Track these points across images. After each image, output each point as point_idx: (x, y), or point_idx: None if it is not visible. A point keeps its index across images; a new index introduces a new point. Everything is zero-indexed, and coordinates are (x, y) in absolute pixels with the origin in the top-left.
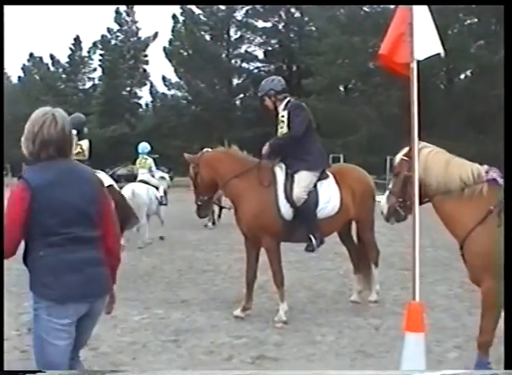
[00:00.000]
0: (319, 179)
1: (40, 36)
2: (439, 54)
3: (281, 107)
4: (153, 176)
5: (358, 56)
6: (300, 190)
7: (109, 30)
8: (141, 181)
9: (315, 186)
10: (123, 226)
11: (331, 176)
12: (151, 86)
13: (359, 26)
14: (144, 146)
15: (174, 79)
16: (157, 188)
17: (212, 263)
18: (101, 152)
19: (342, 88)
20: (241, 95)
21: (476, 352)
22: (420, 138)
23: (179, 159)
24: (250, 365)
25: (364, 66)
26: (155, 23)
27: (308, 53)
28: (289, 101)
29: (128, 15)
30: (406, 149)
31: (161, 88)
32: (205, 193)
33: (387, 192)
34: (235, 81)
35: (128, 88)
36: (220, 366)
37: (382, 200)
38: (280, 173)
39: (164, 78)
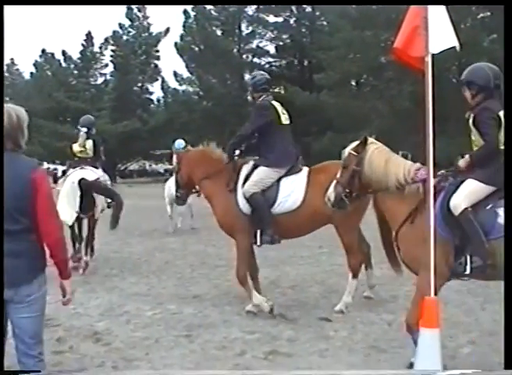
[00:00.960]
0: (286, 175)
1: (53, 32)
2: (453, 47)
3: None
4: None
5: (370, 51)
6: (249, 183)
7: (121, 25)
8: None
9: (278, 182)
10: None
11: (304, 172)
12: (163, 81)
13: (371, 21)
14: (180, 142)
15: (185, 74)
16: None
17: (224, 258)
18: (112, 147)
19: (353, 83)
20: None
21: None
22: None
23: None
24: (262, 360)
25: (375, 60)
26: (167, 18)
27: (320, 48)
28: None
29: (139, 10)
30: (354, 144)
31: (172, 84)
32: (183, 187)
33: (334, 181)
34: (246, 76)
35: (139, 84)
36: (233, 362)
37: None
38: (245, 170)
39: (175, 73)
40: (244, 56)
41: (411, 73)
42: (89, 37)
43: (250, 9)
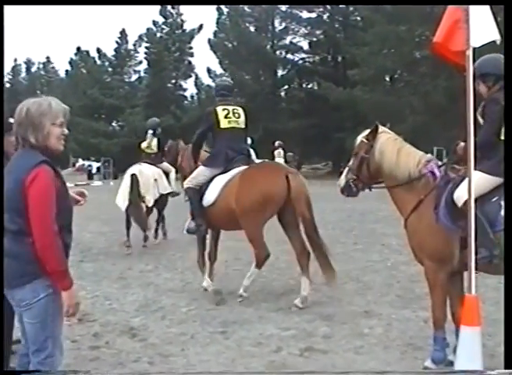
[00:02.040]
0: (221, 173)
1: (87, 30)
2: (497, 41)
3: None
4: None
5: (404, 46)
6: (187, 179)
7: (154, 22)
8: None
9: (213, 179)
10: None
11: (232, 172)
12: (196, 78)
13: (405, 16)
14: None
15: (219, 71)
16: None
17: None
18: None
19: (387, 78)
20: (286, 86)
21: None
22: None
23: None
24: (298, 357)
25: (410, 55)
26: (200, 15)
27: (354, 43)
28: None
29: (173, 7)
30: (366, 132)
31: (206, 80)
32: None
33: (347, 168)
34: (280, 72)
35: (173, 80)
36: (268, 358)
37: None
38: None
39: (209, 70)
40: (278, 52)
41: (446, 68)
42: (123, 34)
43: (284, 5)
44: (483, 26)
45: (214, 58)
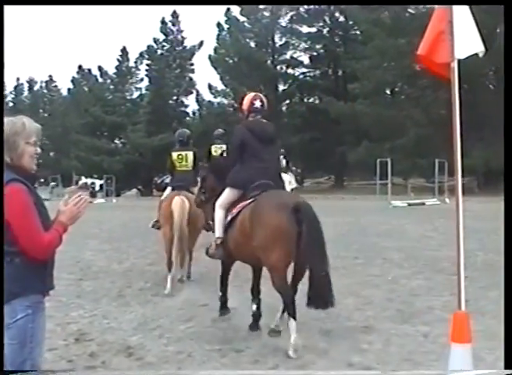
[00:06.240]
0: None
1: (89, 48)
2: (480, 53)
3: None
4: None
5: (404, 59)
6: None
7: (155, 40)
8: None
9: None
10: None
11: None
12: (198, 94)
13: (404, 29)
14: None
15: (220, 86)
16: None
17: None
18: (148, 161)
19: (388, 92)
20: (287, 101)
21: None
22: (470, 139)
23: None
24: (296, 373)
25: (410, 68)
26: (200, 31)
27: (354, 57)
28: None
29: (173, 24)
30: None
31: (207, 96)
32: None
33: None
34: (281, 87)
35: (174, 97)
36: None
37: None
38: None
39: (210, 86)
40: (278, 67)
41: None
42: (124, 52)
43: (283, 20)
44: (467, 38)
45: (215, 75)
